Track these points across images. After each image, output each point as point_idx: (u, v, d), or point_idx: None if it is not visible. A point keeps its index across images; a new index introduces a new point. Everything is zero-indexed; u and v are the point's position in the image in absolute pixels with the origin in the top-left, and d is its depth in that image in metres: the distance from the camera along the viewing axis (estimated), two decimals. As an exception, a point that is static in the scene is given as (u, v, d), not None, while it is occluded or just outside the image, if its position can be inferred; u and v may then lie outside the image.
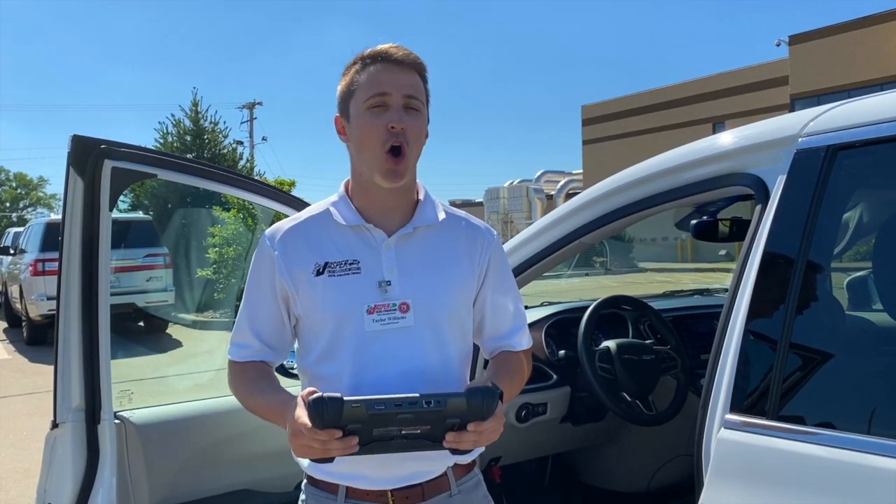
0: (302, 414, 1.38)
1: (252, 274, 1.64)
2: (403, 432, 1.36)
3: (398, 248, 1.58)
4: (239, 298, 1.71)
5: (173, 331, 11.91)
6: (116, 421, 2.17)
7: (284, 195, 2.45)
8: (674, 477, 3.05)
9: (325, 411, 1.33)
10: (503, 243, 2.46)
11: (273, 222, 1.72)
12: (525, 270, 2.41)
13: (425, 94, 1.58)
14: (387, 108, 1.51)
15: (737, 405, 1.56)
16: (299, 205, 2.32)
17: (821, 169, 1.57)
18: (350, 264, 1.56)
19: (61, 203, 2.13)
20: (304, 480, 1.64)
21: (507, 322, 1.70)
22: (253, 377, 1.61)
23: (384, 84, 1.52)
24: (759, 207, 1.70)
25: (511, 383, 1.62)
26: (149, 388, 6.99)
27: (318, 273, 1.55)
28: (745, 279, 1.64)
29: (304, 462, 1.59)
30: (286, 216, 1.75)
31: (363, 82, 1.53)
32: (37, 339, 11.44)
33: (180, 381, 7.64)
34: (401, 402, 1.34)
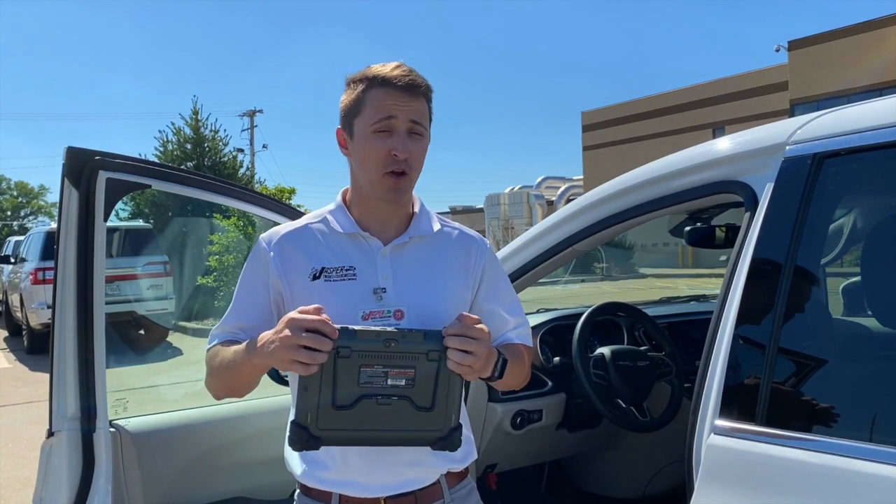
0: (293, 312, 1.40)
1: (245, 274, 1.66)
2: (390, 382, 1.39)
3: (393, 257, 1.61)
4: None
5: (173, 339, 11.90)
6: (112, 429, 2.18)
7: (279, 204, 2.47)
8: (669, 483, 3.06)
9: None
10: (505, 248, 2.50)
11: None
12: (520, 276, 2.43)
13: (429, 117, 1.61)
14: (391, 133, 1.54)
15: (726, 411, 1.58)
16: (294, 214, 2.34)
17: (808, 177, 1.59)
18: (346, 270, 1.58)
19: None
20: (297, 490, 1.64)
21: (506, 326, 1.72)
22: (226, 347, 1.59)
23: (390, 110, 1.53)
24: (748, 215, 1.72)
25: (512, 360, 1.59)
26: (149, 397, 7.00)
27: (315, 278, 1.57)
28: (734, 286, 1.66)
29: (297, 470, 1.61)
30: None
31: (369, 105, 1.55)
32: (37, 347, 11.42)
33: (179, 390, 7.63)
34: (386, 328, 1.41)
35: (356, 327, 1.39)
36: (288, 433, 1.46)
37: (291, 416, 1.47)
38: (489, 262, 1.71)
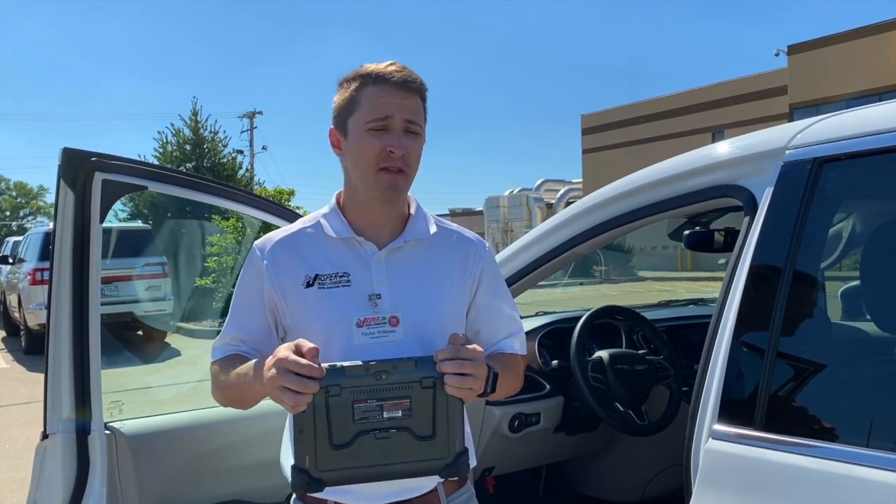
0: (284, 348, 1.40)
1: (241, 283, 1.64)
2: (386, 415, 1.36)
3: (389, 262, 1.59)
4: None
5: (171, 339, 11.89)
6: (107, 432, 2.17)
7: (276, 206, 2.46)
8: (667, 487, 3.05)
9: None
10: (504, 251, 2.50)
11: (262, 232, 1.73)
12: (520, 279, 2.42)
13: (424, 115, 1.59)
14: (386, 131, 1.52)
15: (725, 415, 1.57)
16: (291, 217, 2.33)
17: (807, 181, 1.59)
18: (340, 277, 1.56)
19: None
20: (293, 496, 1.62)
21: (502, 331, 1.71)
22: (233, 362, 1.59)
23: (386, 108, 1.52)
24: (747, 219, 1.71)
25: (504, 371, 1.58)
26: (145, 398, 6.98)
27: (308, 285, 1.55)
28: (733, 290, 1.65)
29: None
30: (277, 227, 1.75)
31: (364, 102, 1.53)
32: (35, 348, 11.37)
33: (175, 391, 7.62)
34: (375, 360, 1.38)
35: (344, 364, 1.37)
36: (290, 478, 1.43)
37: (291, 460, 1.45)
38: (487, 265, 1.69)
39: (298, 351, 1.38)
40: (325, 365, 1.36)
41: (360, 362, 1.38)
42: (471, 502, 1.68)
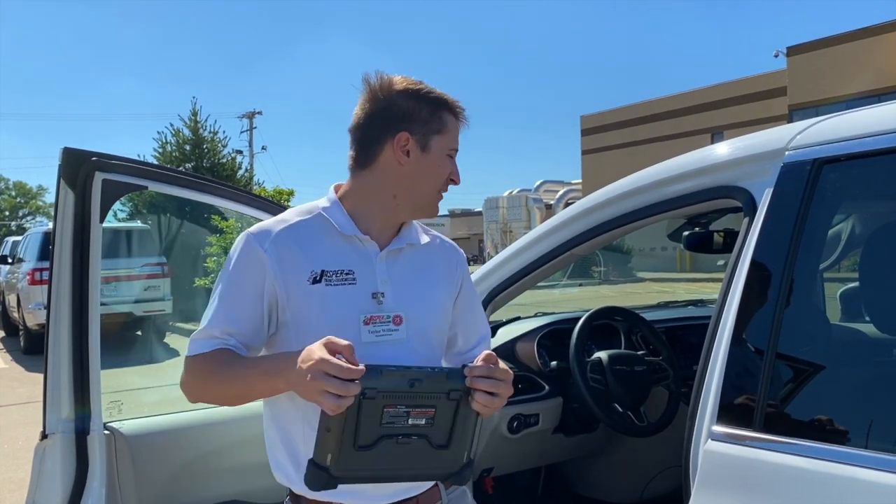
0: (318, 348, 1.34)
1: (233, 274, 1.55)
2: (411, 422, 1.37)
3: (389, 262, 1.61)
4: None
5: (171, 340, 11.87)
6: (106, 432, 2.17)
7: (276, 206, 2.46)
8: (666, 488, 3.05)
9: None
10: (502, 252, 2.51)
11: None
12: (518, 280, 2.42)
13: None
14: (452, 159, 1.64)
15: (724, 416, 1.57)
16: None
17: (807, 182, 1.59)
18: (346, 274, 1.55)
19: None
20: (288, 497, 1.60)
21: (475, 336, 1.76)
22: (224, 357, 1.51)
23: (457, 141, 1.65)
24: (746, 220, 1.72)
25: None
26: (144, 399, 6.97)
27: (315, 281, 1.53)
28: (732, 291, 1.66)
29: (294, 479, 1.56)
30: None
31: (450, 128, 1.62)
32: (34, 348, 11.35)
33: (174, 392, 7.59)
34: (409, 367, 1.39)
35: (382, 366, 1.35)
36: (305, 472, 1.41)
37: (281, 460, 1.44)
38: (465, 272, 1.76)
39: (333, 350, 1.33)
40: (362, 365, 1.32)
41: (393, 366, 1.36)
42: (465, 495, 1.74)
